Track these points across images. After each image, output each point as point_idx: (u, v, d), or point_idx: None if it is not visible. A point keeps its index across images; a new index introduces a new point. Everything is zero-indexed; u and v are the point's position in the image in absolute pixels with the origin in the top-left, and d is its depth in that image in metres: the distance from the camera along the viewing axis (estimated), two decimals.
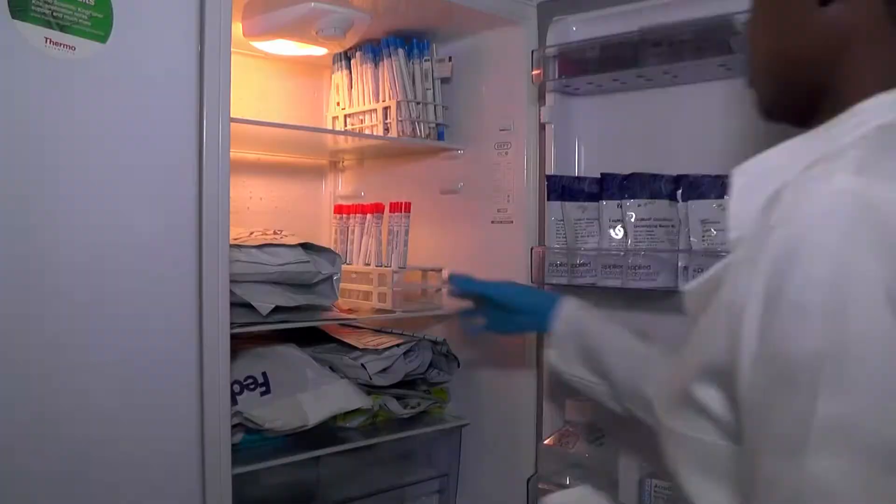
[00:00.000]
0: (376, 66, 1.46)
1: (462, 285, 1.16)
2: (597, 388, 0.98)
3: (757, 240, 0.49)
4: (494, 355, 1.43)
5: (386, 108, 1.44)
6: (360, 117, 1.51)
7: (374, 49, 1.46)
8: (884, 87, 0.55)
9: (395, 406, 1.40)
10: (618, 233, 1.20)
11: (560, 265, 1.24)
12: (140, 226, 0.96)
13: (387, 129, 1.44)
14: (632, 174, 1.19)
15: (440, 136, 1.47)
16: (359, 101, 1.50)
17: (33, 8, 0.87)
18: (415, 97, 1.42)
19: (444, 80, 1.48)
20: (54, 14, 0.88)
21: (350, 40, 1.44)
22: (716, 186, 1.11)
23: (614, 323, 1.00)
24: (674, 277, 1.13)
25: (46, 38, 0.88)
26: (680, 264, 1.13)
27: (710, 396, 0.55)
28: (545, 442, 1.30)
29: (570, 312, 1.04)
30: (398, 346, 1.40)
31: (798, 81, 0.62)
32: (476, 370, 1.46)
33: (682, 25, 1.11)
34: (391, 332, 1.53)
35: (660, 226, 1.17)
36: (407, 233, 1.43)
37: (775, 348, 0.46)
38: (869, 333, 0.42)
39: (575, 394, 1.09)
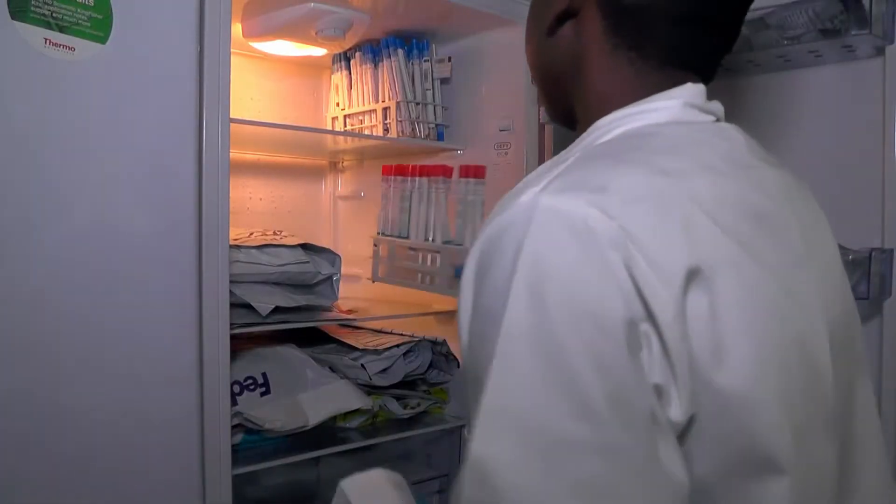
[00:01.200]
0: (376, 66, 1.46)
1: None
2: None
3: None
4: None
5: (385, 109, 1.44)
6: (360, 118, 1.51)
7: (373, 49, 1.46)
8: (621, 101, 0.58)
9: (394, 406, 1.40)
10: None
11: None
12: (139, 227, 0.96)
13: (386, 130, 1.44)
14: None
15: (440, 137, 1.47)
16: (358, 101, 1.50)
17: (33, 9, 0.87)
18: (414, 97, 1.42)
19: (444, 81, 1.48)
20: (54, 15, 0.88)
21: (349, 41, 1.44)
22: None
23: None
24: None
25: (46, 39, 0.88)
26: None
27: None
28: None
29: None
30: (398, 346, 1.41)
31: (555, 95, 0.66)
32: None
33: None
34: (391, 333, 1.53)
35: None
36: (483, 204, 1.29)
37: (471, 352, 0.50)
38: (523, 330, 0.45)
39: None
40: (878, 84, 0.98)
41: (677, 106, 0.56)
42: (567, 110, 0.64)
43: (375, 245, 1.43)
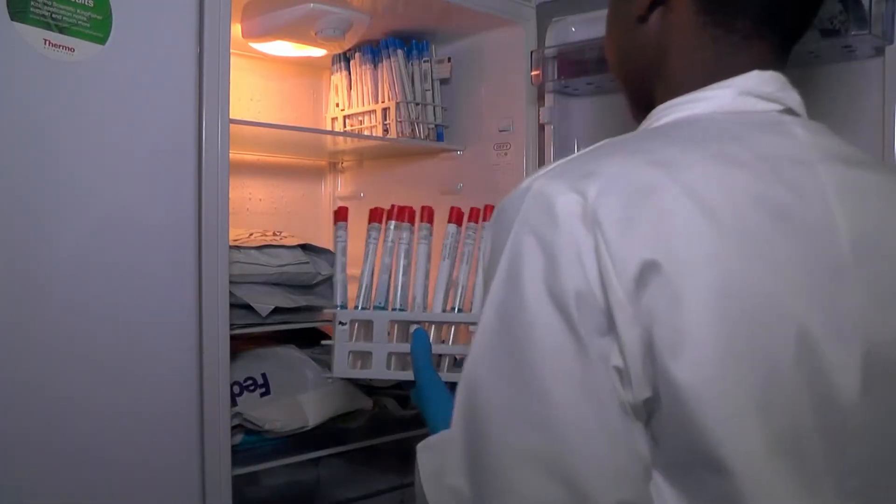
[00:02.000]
0: (375, 67, 1.46)
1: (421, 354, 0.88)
2: None
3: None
4: None
5: (385, 109, 1.44)
6: (360, 118, 1.51)
7: (373, 50, 1.46)
8: (692, 87, 0.58)
9: (394, 406, 1.40)
10: None
11: None
12: (139, 227, 0.96)
13: (386, 130, 1.44)
14: None
15: (439, 137, 1.47)
16: (358, 102, 1.50)
17: (32, 9, 0.87)
18: (414, 98, 1.42)
19: (444, 81, 1.48)
20: (53, 16, 0.88)
21: (349, 41, 1.44)
22: None
23: None
24: None
25: (45, 40, 0.88)
26: None
27: None
28: None
29: None
30: None
31: (637, 88, 0.66)
32: None
33: None
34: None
35: None
36: None
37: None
38: (496, 308, 0.50)
39: None
40: (877, 84, 0.98)
41: (729, 95, 0.57)
42: (648, 105, 0.63)
43: (342, 323, 0.92)
